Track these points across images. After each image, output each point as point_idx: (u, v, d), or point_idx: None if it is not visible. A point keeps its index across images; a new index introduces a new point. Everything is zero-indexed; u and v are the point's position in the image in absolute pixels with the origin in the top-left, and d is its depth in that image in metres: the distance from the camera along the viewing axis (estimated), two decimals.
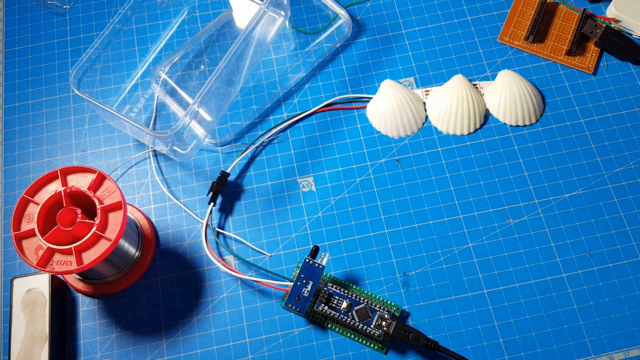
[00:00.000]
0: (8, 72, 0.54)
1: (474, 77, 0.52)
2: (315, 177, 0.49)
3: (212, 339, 0.44)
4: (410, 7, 0.55)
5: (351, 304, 0.43)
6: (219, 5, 0.56)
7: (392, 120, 0.50)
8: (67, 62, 0.54)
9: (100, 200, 0.40)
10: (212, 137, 0.50)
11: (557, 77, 0.52)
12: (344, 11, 0.54)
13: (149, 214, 0.48)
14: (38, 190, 0.41)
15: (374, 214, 0.47)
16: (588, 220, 0.46)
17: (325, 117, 0.51)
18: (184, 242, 0.47)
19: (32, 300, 0.43)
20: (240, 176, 0.49)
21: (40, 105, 0.53)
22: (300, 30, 0.55)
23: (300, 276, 0.42)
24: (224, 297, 0.45)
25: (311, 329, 0.44)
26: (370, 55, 0.53)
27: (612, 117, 0.50)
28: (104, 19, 0.56)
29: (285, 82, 0.52)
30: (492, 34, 0.54)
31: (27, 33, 0.56)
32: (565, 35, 0.53)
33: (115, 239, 0.39)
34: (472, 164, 0.49)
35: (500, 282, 0.45)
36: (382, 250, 0.46)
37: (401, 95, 0.50)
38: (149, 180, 0.49)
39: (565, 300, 0.44)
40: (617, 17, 0.53)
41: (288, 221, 0.48)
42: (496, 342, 0.43)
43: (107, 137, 0.51)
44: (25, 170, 0.50)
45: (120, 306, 0.45)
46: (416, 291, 0.45)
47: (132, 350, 0.44)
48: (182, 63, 0.53)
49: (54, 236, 0.39)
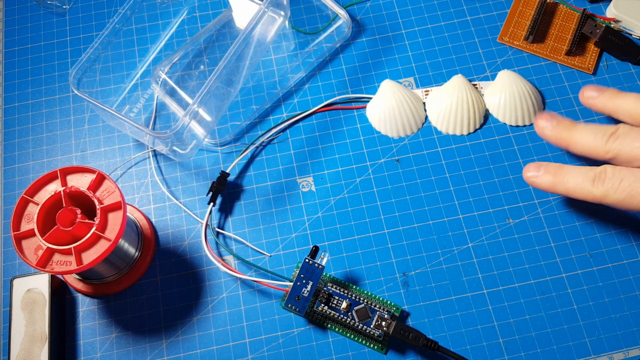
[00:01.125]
0: (8, 72, 0.54)
1: (474, 77, 0.52)
2: (315, 177, 0.49)
3: (211, 339, 0.44)
4: (410, 7, 0.55)
5: (351, 304, 0.43)
6: (219, 5, 0.56)
7: (391, 120, 0.50)
8: (67, 62, 0.54)
9: (100, 201, 0.40)
10: (211, 137, 0.50)
11: (557, 77, 0.52)
12: (343, 11, 0.54)
13: (148, 214, 0.48)
14: (38, 191, 0.41)
15: (373, 214, 0.47)
16: (588, 221, 0.46)
17: (325, 117, 0.51)
18: (184, 242, 0.47)
19: (31, 300, 0.43)
20: (240, 176, 0.49)
21: (40, 105, 0.53)
22: (300, 30, 0.55)
23: (300, 276, 0.42)
24: (223, 297, 0.45)
25: (311, 329, 0.44)
26: (370, 55, 0.53)
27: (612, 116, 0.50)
28: (103, 19, 0.56)
29: (285, 82, 0.52)
30: (492, 34, 0.54)
31: (27, 33, 0.56)
32: (565, 36, 0.53)
33: (115, 239, 0.39)
34: (472, 164, 0.49)
35: (500, 282, 0.45)
36: (382, 250, 0.46)
37: (401, 95, 0.50)
38: (149, 180, 0.49)
39: (565, 301, 0.44)
40: (617, 17, 0.53)
41: (288, 221, 0.48)
42: (496, 342, 0.43)
43: (106, 137, 0.51)
44: (24, 170, 0.50)
45: (120, 306, 0.45)
46: (416, 291, 0.45)
47: (131, 350, 0.44)
48: (181, 63, 0.53)
49: (53, 236, 0.39)
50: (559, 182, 0.41)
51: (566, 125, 0.42)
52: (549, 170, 0.42)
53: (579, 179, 0.40)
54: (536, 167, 0.42)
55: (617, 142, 0.39)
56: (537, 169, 0.42)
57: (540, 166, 0.42)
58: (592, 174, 0.39)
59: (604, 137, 0.39)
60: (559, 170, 0.41)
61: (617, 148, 0.39)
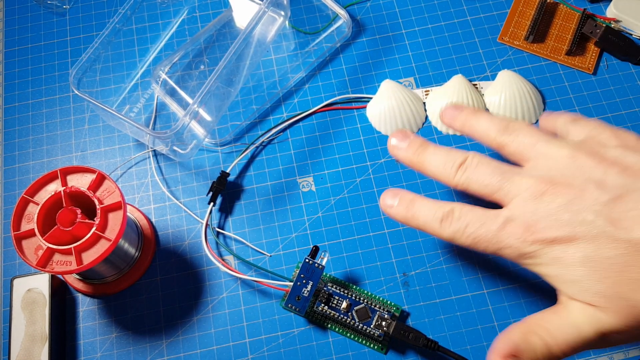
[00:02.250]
0: (8, 72, 0.54)
1: (474, 77, 0.52)
2: (315, 177, 0.49)
3: (212, 339, 0.44)
4: (410, 7, 0.55)
5: (351, 304, 0.43)
6: (219, 5, 0.56)
7: (392, 120, 0.50)
8: (67, 62, 0.54)
9: (100, 200, 0.40)
10: (212, 137, 0.50)
11: (557, 77, 0.52)
12: (343, 11, 0.54)
13: (148, 214, 0.48)
14: (38, 190, 0.41)
15: (374, 214, 0.47)
16: None
17: (325, 117, 0.51)
18: (184, 242, 0.47)
19: (32, 300, 0.43)
20: (240, 176, 0.49)
21: (40, 105, 0.53)
22: (300, 30, 0.55)
23: (300, 276, 0.42)
24: (223, 297, 0.45)
25: (311, 329, 0.44)
26: (370, 55, 0.54)
27: (612, 117, 0.50)
28: (104, 19, 0.56)
29: (285, 82, 0.52)
30: (492, 34, 0.54)
31: (27, 33, 0.56)
32: (565, 35, 0.53)
33: (115, 239, 0.39)
34: None
35: (500, 282, 0.45)
36: (382, 250, 0.46)
37: (401, 95, 0.50)
38: (149, 180, 0.49)
39: None
40: (617, 17, 0.53)
41: (288, 221, 0.48)
42: None
43: (107, 137, 0.51)
44: (25, 170, 0.50)
45: (120, 306, 0.45)
46: (416, 291, 0.45)
47: (132, 350, 0.44)
48: (182, 63, 0.53)
49: (53, 236, 0.39)
50: (411, 217, 0.36)
51: (416, 148, 0.37)
52: (402, 201, 0.37)
53: (428, 216, 0.35)
54: (392, 195, 0.37)
55: (465, 176, 0.35)
56: (393, 198, 0.37)
57: (396, 195, 0.37)
58: (441, 214, 0.34)
59: (453, 167, 0.35)
60: (411, 203, 0.36)
61: (465, 182, 0.35)
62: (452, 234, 0.34)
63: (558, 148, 0.33)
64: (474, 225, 0.33)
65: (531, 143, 0.34)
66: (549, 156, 0.33)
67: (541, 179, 0.32)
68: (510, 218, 0.32)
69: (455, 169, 0.35)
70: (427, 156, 0.37)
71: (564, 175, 0.32)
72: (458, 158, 0.35)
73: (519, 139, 0.35)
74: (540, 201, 0.31)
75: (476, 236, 0.33)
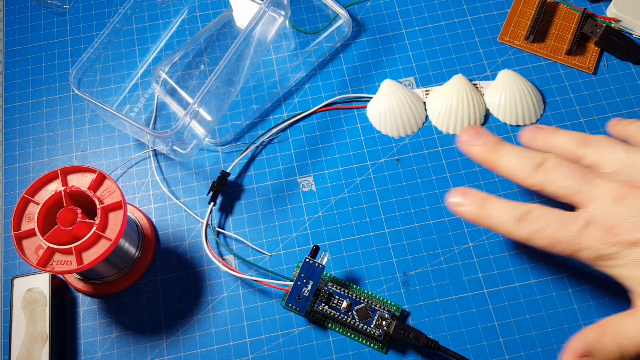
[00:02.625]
0: (8, 72, 0.54)
1: (474, 77, 0.52)
2: (315, 176, 0.49)
3: (212, 338, 0.44)
4: (410, 7, 0.55)
5: (351, 303, 0.43)
6: (219, 5, 0.56)
7: (392, 120, 0.50)
8: (67, 62, 0.54)
9: (100, 200, 0.40)
10: (212, 137, 0.50)
11: (557, 76, 0.52)
12: (344, 11, 0.54)
13: (149, 214, 0.48)
14: (38, 190, 0.41)
15: (374, 214, 0.47)
16: None
17: (325, 117, 0.51)
18: (184, 241, 0.47)
19: (32, 300, 0.43)
20: (240, 176, 0.49)
21: (40, 105, 0.53)
22: (300, 30, 0.55)
23: (300, 276, 0.42)
24: (224, 296, 0.45)
25: (311, 329, 0.44)
26: (370, 55, 0.54)
27: (612, 116, 0.50)
28: (104, 19, 0.56)
29: (285, 81, 0.53)
30: (492, 34, 0.54)
31: (27, 33, 0.56)
32: (566, 35, 0.53)
33: (115, 238, 0.39)
34: (472, 163, 0.49)
35: (501, 282, 0.45)
36: (382, 249, 0.46)
37: (401, 95, 0.50)
38: (149, 180, 0.49)
39: (565, 300, 0.44)
40: (618, 17, 0.53)
41: (288, 221, 0.48)
42: (496, 342, 0.43)
43: (107, 136, 0.51)
44: (25, 170, 0.50)
45: (120, 306, 0.45)
46: (416, 291, 0.45)
47: (132, 350, 0.44)
48: (182, 63, 0.53)
49: (54, 236, 0.39)
50: (482, 216, 0.36)
51: (491, 146, 0.37)
52: (474, 200, 0.37)
53: (503, 216, 0.35)
54: (463, 193, 0.37)
55: (545, 176, 0.35)
56: (463, 196, 0.37)
57: (467, 193, 0.37)
58: (518, 213, 0.35)
59: (532, 167, 0.35)
60: (484, 202, 0.36)
61: (542, 183, 0.35)
62: (529, 234, 0.34)
63: (638, 154, 0.34)
64: (554, 226, 0.33)
65: (610, 152, 0.35)
66: (629, 162, 0.34)
67: (623, 182, 0.33)
68: (591, 220, 0.32)
69: (534, 169, 0.35)
70: (502, 154, 0.37)
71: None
72: (537, 158, 0.35)
73: (599, 150, 0.35)
74: (621, 204, 0.32)
75: (556, 237, 0.33)
